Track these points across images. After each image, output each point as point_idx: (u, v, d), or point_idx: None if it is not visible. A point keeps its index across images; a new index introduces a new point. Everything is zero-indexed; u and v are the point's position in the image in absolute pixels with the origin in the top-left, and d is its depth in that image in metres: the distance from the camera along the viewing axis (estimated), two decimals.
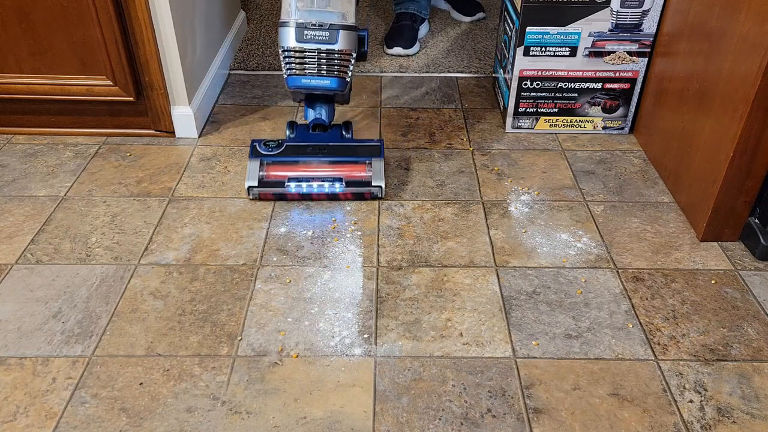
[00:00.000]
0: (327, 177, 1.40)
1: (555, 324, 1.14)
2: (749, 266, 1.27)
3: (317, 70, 1.34)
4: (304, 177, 1.39)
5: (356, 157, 1.42)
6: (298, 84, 1.35)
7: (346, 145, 1.45)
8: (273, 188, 1.39)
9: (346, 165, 1.41)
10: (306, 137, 1.46)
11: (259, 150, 1.42)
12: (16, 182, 1.47)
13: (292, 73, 1.34)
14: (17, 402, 0.99)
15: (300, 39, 1.32)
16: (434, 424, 0.97)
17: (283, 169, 1.40)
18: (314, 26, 1.32)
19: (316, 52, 1.32)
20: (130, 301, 1.17)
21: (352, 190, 1.40)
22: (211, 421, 0.97)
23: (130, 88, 1.53)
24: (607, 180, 1.51)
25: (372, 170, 1.40)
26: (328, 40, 1.32)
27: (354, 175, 1.40)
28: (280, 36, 1.34)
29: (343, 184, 1.39)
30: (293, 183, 1.39)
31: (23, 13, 1.44)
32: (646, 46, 1.56)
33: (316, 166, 1.41)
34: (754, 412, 1.00)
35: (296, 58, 1.33)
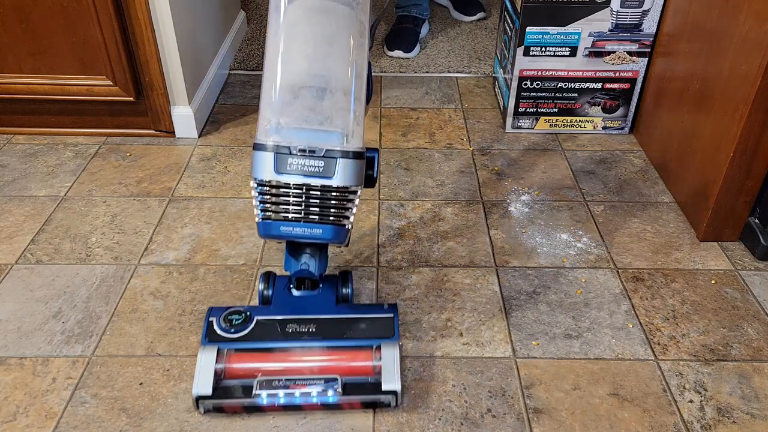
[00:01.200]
0: (314, 377, 0.95)
1: (555, 324, 1.14)
2: (749, 266, 1.27)
3: (303, 214, 0.92)
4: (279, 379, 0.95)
5: (358, 340, 0.99)
6: (273, 233, 0.92)
7: (343, 319, 1.01)
8: (234, 399, 0.94)
9: (343, 352, 0.98)
10: (287, 302, 1.04)
11: (218, 331, 0.98)
12: (16, 182, 1.47)
13: (266, 216, 0.92)
14: (17, 402, 0.99)
15: (281, 170, 0.90)
16: (434, 424, 0.97)
17: (249, 362, 0.96)
18: (303, 152, 0.90)
19: (303, 188, 0.91)
20: (130, 301, 1.17)
21: (351, 399, 0.95)
22: (211, 422, 0.97)
23: (130, 88, 1.53)
24: (607, 180, 1.51)
25: (382, 363, 0.96)
26: (322, 173, 0.90)
27: (355, 370, 0.97)
28: (252, 162, 0.92)
29: (339, 389, 0.94)
30: (264, 390, 0.93)
31: (23, 13, 1.44)
32: (646, 46, 1.56)
33: (299, 355, 0.97)
34: (754, 412, 1.00)
35: (273, 196, 0.92)
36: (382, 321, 1.02)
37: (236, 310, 1.01)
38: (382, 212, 1.40)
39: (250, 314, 1.01)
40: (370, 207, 1.41)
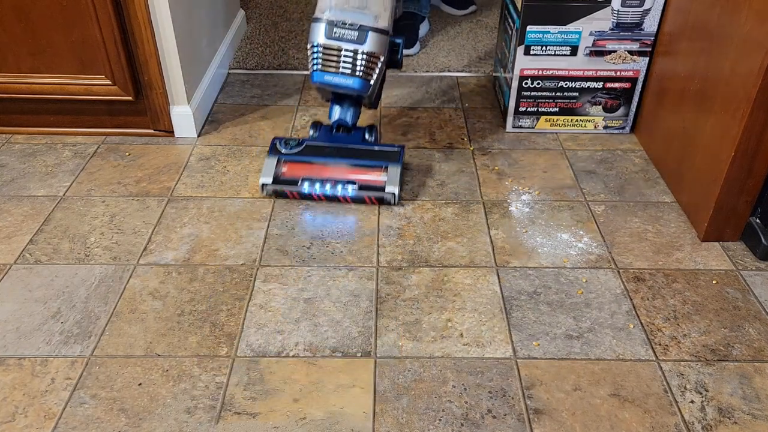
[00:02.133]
0: (341, 180, 1.40)
1: (556, 324, 1.14)
2: (750, 266, 1.27)
3: (341, 68, 1.35)
4: (318, 178, 1.40)
5: (374, 161, 1.42)
6: (320, 79, 1.36)
7: (365, 149, 1.44)
8: (286, 186, 1.40)
9: (362, 169, 1.41)
10: (328, 138, 1.46)
11: (279, 148, 1.44)
12: (14, 182, 1.46)
13: (316, 68, 1.36)
14: (16, 402, 0.99)
15: (329, 36, 1.34)
16: (434, 425, 0.97)
17: (299, 169, 1.41)
18: (345, 25, 1.33)
19: (341, 50, 1.34)
20: (129, 302, 1.17)
21: (364, 194, 1.39)
22: (210, 422, 0.96)
23: (129, 88, 1.53)
24: (608, 180, 1.51)
25: (387, 176, 1.39)
26: (356, 40, 1.33)
27: (368, 180, 1.40)
28: (310, 31, 1.36)
29: (356, 188, 1.39)
30: (306, 183, 1.39)
31: (22, 13, 1.44)
32: (647, 45, 1.56)
33: (332, 167, 1.41)
34: (755, 412, 1.00)
35: (322, 54, 1.35)
36: (392, 152, 1.44)
37: (293, 138, 1.47)
38: (382, 212, 1.40)
39: (302, 140, 1.46)
40: (370, 207, 1.41)
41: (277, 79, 1.91)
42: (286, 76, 1.94)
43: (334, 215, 1.38)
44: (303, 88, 1.87)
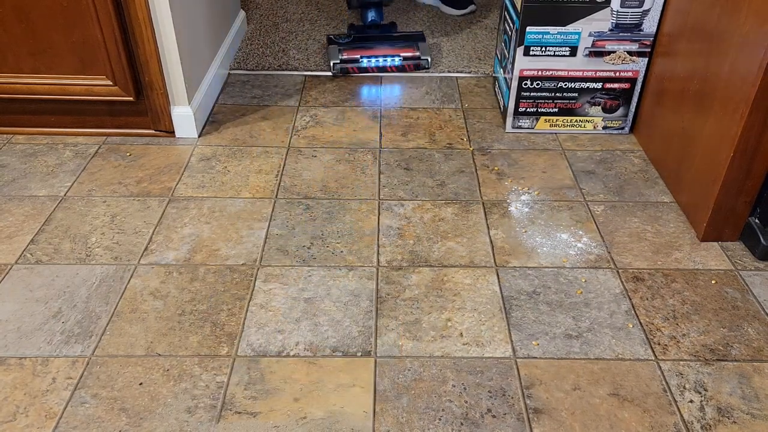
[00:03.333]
0: (387, 55, 1.93)
1: (555, 324, 1.14)
2: (749, 266, 1.27)
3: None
4: (372, 55, 1.92)
5: (407, 42, 1.98)
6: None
7: (397, 34, 2.03)
8: (350, 63, 1.91)
9: (400, 48, 1.95)
10: (366, 32, 2.01)
11: (335, 39, 1.98)
12: (15, 182, 1.47)
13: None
14: (17, 402, 0.99)
15: None
16: (434, 425, 0.97)
17: (354, 52, 1.93)
18: None
19: None
20: (129, 301, 1.17)
21: (407, 63, 1.93)
22: (211, 421, 0.97)
23: (129, 88, 1.53)
24: (608, 180, 1.51)
25: (420, 49, 1.95)
26: None
27: (407, 54, 1.94)
28: None
29: (401, 59, 1.93)
30: (364, 59, 1.92)
31: (23, 13, 1.44)
32: (647, 45, 1.56)
33: (378, 49, 1.94)
34: (754, 412, 1.00)
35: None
36: (417, 35, 2.05)
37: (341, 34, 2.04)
38: (382, 212, 1.40)
39: (350, 34, 2.02)
40: (370, 207, 1.41)
41: (278, 80, 1.92)
42: (286, 76, 1.94)
43: (335, 215, 1.39)
44: (303, 89, 1.87)
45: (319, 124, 1.71)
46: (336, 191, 1.46)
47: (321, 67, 1.98)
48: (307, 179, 1.50)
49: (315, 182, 1.49)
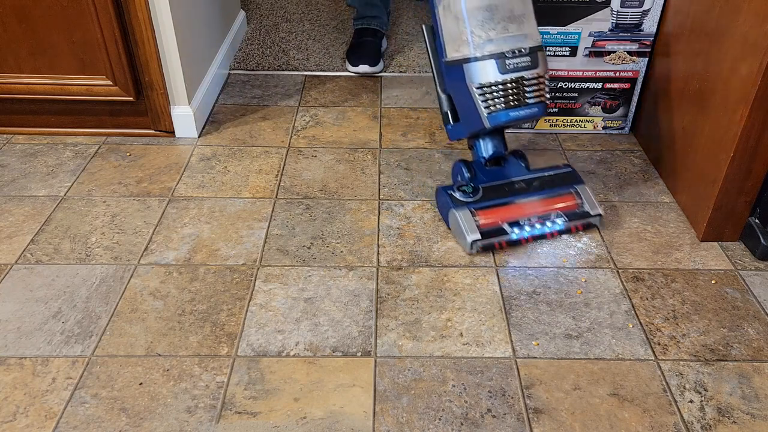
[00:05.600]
0: (543, 215, 1.30)
1: (555, 324, 1.14)
2: (749, 266, 1.27)
3: (522, 99, 1.22)
4: (520, 218, 1.29)
5: (560, 188, 1.33)
6: (504, 119, 1.22)
7: (542, 177, 1.35)
8: (495, 236, 1.27)
9: (554, 198, 1.32)
10: (488, 174, 1.34)
11: (460, 198, 1.29)
12: (15, 182, 1.47)
13: (496, 109, 1.21)
14: (17, 402, 0.99)
15: (503, 70, 1.20)
16: (434, 425, 0.97)
17: (495, 215, 1.28)
18: (516, 53, 1.20)
19: (519, 81, 1.21)
20: (129, 301, 1.17)
21: (573, 224, 1.32)
22: (211, 421, 0.97)
23: (129, 88, 1.53)
24: (608, 180, 1.51)
25: (583, 199, 1.33)
26: (531, 66, 1.21)
27: (568, 207, 1.32)
28: (471, 73, 1.21)
29: (563, 218, 1.31)
30: (514, 228, 1.28)
31: (23, 13, 1.44)
32: (647, 46, 1.56)
33: (524, 204, 1.31)
34: (754, 412, 1.00)
35: (500, 92, 1.21)
36: (568, 174, 1.37)
37: (461, 184, 1.31)
38: (382, 212, 1.40)
39: (474, 186, 1.31)
40: (370, 207, 1.41)
41: (278, 80, 1.92)
42: (286, 76, 1.94)
43: (335, 215, 1.39)
44: (303, 89, 1.87)
45: (319, 124, 1.71)
46: (336, 191, 1.46)
47: (321, 67, 1.98)
48: (307, 179, 1.50)
49: (315, 182, 1.49)
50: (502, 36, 1.20)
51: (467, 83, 1.22)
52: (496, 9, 1.20)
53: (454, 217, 1.28)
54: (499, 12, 1.20)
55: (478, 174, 1.34)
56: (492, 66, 1.20)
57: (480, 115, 1.23)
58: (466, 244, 1.27)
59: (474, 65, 1.20)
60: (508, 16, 1.21)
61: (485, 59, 1.20)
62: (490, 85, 1.20)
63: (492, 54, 1.19)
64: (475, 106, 1.23)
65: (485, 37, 1.20)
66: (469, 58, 1.21)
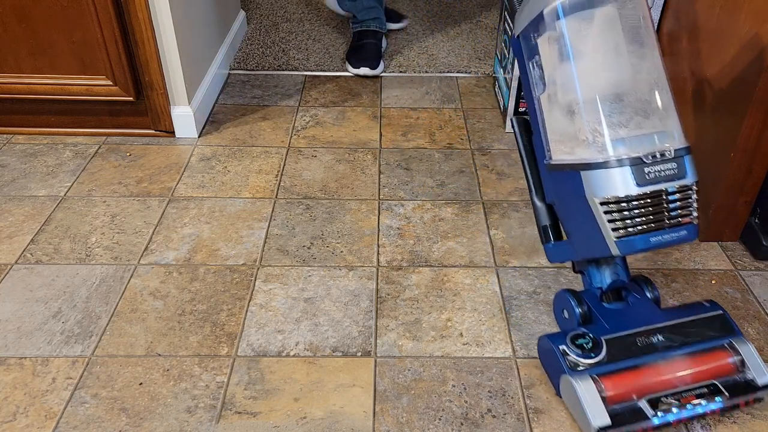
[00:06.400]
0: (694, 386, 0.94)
1: (555, 324, 1.14)
2: (749, 266, 1.27)
3: (666, 220, 0.91)
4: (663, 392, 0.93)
5: (711, 341, 0.97)
6: (641, 247, 0.91)
7: (683, 323, 0.99)
8: (630, 424, 0.91)
9: (701, 356, 0.96)
10: (609, 316, 1.00)
11: (575, 357, 0.93)
12: (15, 182, 1.47)
13: (629, 232, 0.90)
14: (17, 402, 0.99)
15: (641, 181, 0.88)
16: (434, 424, 0.97)
17: (627, 385, 0.93)
18: (656, 158, 0.89)
19: (661, 195, 0.90)
20: (129, 301, 1.17)
21: (738, 401, 0.95)
22: (211, 421, 0.97)
23: (130, 88, 1.53)
24: None
25: (747, 360, 0.96)
26: (678, 174, 0.90)
27: (719, 371, 0.96)
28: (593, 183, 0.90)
29: (726, 396, 0.94)
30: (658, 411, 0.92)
31: (23, 13, 1.44)
32: None
33: (666, 368, 0.94)
34: (754, 412, 1.00)
35: (635, 211, 0.90)
36: (716, 318, 1.00)
37: (577, 334, 0.96)
38: (382, 212, 1.40)
39: (595, 337, 0.95)
40: (370, 207, 1.41)
41: (278, 80, 1.92)
42: (286, 76, 1.94)
43: (334, 216, 1.39)
44: (303, 89, 1.87)
45: (319, 124, 1.71)
46: (336, 191, 1.46)
47: (321, 67, 1.98)
48: (307, 179, 1.50)
49: (315, 182, 1.49)
50: (636, 134, 0.91)
51: (586, 196, 0.92)
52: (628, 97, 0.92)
53: (570, 387, 0.93)
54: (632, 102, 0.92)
55: (593, 313, 1.01)
56: (626, 175, 0.89)
57: (605, 239, 0.92)
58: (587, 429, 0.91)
59: (598, 173, 0.90)
60: (643, 107, 0.92)
61: (615, 166, 0.89)
62: (621, 201, 0.90)
63: (626, 159, 0.89)
64: (595, 225, 0.92)
65: (614, 137, 0.90)
66: (590, 164, 0.91)
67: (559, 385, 0.98)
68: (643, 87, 0.93)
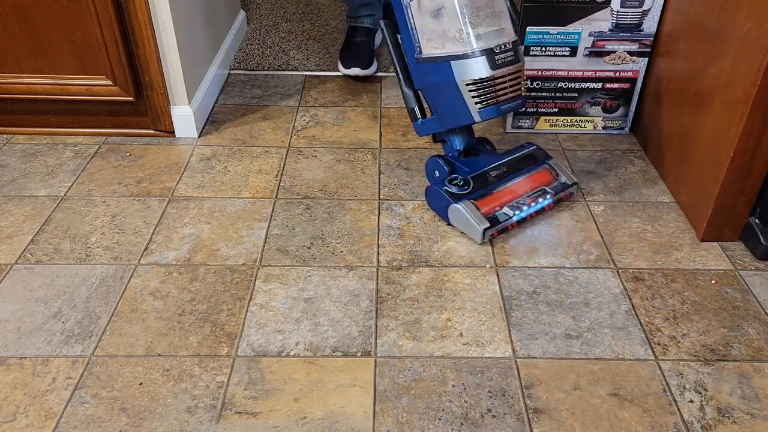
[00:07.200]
0: (533, 193, 1.35)
1: (555, 324, 1.14)
2: (749, 266, 1.27)
3: (508, 93, 1.26)
4: (516, 201, 1.33)
5: (536, 166, 1.39)
6: (495, 113, 1.26)
7: (516, 158, 1.39)
8: (501, 222, 1.30)
9: (534, 175, 1.38)
10: (466, 165, 1.36)
11: (456, 192, 1.30)
12: (15, 182, 1.47)
13: (487, 104, 1.24)
14: (17, 402, 0.99)
15: (493, 66, 1.22)
16: (434, 425, 0.97)
17: (492, 202, 1.32)
18: (501, 49, 1.22)
19: (509, 75, 1.25)
20: (129, 301, 1.17)
21: (562, 194, 1.39)
22: (211, 421, 0.97)
23: (129, 88, 1.53)
24: (608, 180, 1.51)
25: (559, 172, 1.40)
26: (515, 60, 1.25)
27: (549, 182, 1.38)
28: (461, 69, 1.22)
29: (552, 193, 1.37)
30: (515, 211, 1.31)
31: (23, 13, 1.44)
32: (647, 45, 1.56)
33: (513, 187, 1.35)
34: (754, 412, 1.00)
35: (494, 87, 1.23)
36: (536, 151, 1.42)
37: (452, 178, 1.32)
38: (382, 212, 1.40)
39: (461, 178, 1.32)
40: (370, 207, 1.41)
41: (278, 80, 1.92)
42: (286, 76, 1.94)
43: (333, 215, 1.39)
44: (303, 89, 1.87)
45: (319, 124, 1.71)
46: (336, 191, 1.46)
47: (321, 67, 1.98)
48: (307, 179, 1.50)
49: (315, 182, 1.49)
50: (487, 31, 1.22)
51: (455, 79, 1.23)
52: (482, 5, 1.23)
53: (457, 211, 1.29)
54: (484, 8, 1.23)
55: (456, 166, 1.36)
56: (483, 62, 1.21)
57: (469, 111, 1.25)
58: (476, 234, 1.28)
59: (464, 62, 1.22)
60: (490, 12, 1.23)
61: (477, 56, 1.21)
62: (481, 81, 1.22)
63: (483, 50, 1.21)
64: (462, 101, 1.25)
65: (474, 34, 1.21)
66: (459, 55, 1.22)
67: (448, 215, 1.32)
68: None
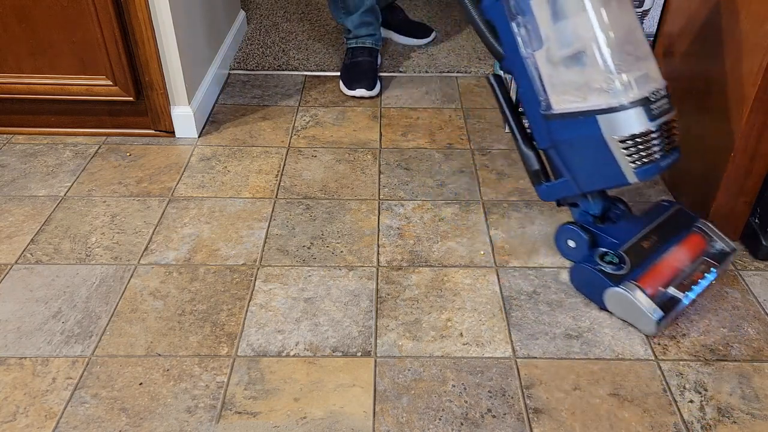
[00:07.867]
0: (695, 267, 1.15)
1: (555, 324, 1.14)
2: (749, 266, 1.27)
3: (666, 146, 1.08)
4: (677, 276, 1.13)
5: (685, 231, 1.19)
6: (654, 172, 1.08)
7: (662, 222, 1.20)
8: (673, 309, 1.10)
9: (689, 243, 1.17)
10: (608, 234, 1.18)
11: (612, 272, 1.11)
12: (15, 182, 1.47)
13: (644, 162, 1.06)
14: (17, 402, 0.99)
15: (651, 117, 1.04)
16: (434, 425, 0.97)
17: (655, 281, 1.10)
18: (656, 96, 1.06)
19: (662, 126, 1.07)
20: (129, 301, 1.17)
21: (724, 267, 1.20)
22: (211, 421, 0.97)
23: (129, 88, 1.53)
24: None
25: (712, 235, 1.20)
26: (671, 107, 1.09)
27: (704, 249, 1.18)
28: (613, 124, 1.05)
29: (716, 265, 1.16)
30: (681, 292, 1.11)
31: (23, 13, 1.44)
32: None
33: (669, 260, 1.14)
34: (754, 412, 1.00)
35: (648, 142, 1.05)
36: (681, 211, 1.24)
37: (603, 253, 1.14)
38: (382, 212, 1.40)
39: (617, 253, 1.13)
40: (370, 207, 1.41)
41: (278, 80, 1.92)
42: (286, 76, 1.94)
43: (333, 215, 1.39)
44: (303, 89, 1.87)
45: (319, 124, 1.71)
46: (336, 191, 1.46)
47: (321, 67, 1.98)
48: (307, 179, 1.50)
49: (315, 182, 1.49)
50: (636, 76, 1.05)
51: (603, 136, 1.05)
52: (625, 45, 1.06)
53: (620, 297, 1.09)
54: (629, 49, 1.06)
55: (599, 236, 1.18)
56: (639, 114, 1.04)
57: (621, 171, 1.07)
58: (649, 325, 1.08)
59: (615, 116, 1.04)
60: (637, 55, 1.07)
61: (631, 107, 1.04)
62: (638, 136, 1.04)
63: (637, 100, 1.04)
64: (611, 161, 1.07)
65: (625, 81, 1.04)
66: (608, 108, 1.04)
67: (602, 300, 1.12)
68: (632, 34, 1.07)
